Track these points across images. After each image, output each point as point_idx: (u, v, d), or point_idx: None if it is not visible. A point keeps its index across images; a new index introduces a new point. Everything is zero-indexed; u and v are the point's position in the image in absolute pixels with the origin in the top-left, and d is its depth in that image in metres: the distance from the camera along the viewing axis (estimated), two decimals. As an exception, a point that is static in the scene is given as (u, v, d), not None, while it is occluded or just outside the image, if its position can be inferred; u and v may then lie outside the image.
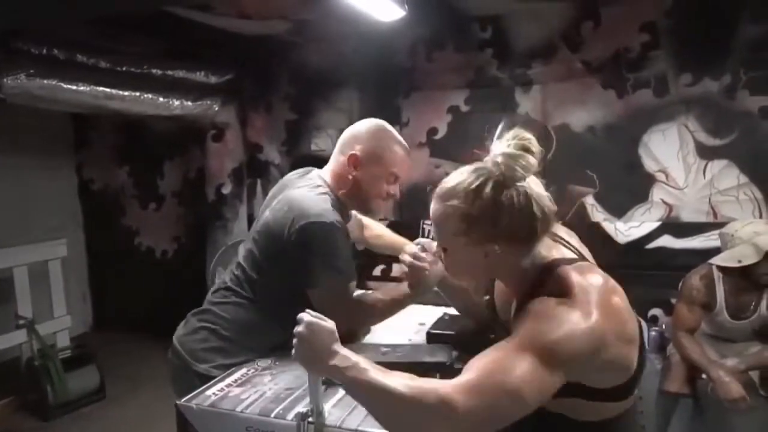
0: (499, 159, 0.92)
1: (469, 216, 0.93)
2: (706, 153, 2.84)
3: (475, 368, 0.84)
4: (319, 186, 1.38)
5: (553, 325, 0.84)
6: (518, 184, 0.91)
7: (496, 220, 0.91)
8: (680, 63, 2.85)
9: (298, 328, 0.94)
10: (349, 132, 1.43)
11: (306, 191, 1.36)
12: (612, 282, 0.92)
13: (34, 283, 3.22)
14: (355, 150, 1.37)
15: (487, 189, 0.92)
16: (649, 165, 2.96)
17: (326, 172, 1.44)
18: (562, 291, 0.88)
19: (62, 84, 2.77)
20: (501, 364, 0.82)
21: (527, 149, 0.92)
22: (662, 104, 2.90)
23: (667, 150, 2.91)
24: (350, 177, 1.38)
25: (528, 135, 0.93)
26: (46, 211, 4.17)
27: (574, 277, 0.90)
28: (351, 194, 1.41)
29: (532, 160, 0.92)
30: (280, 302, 1.33)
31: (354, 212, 1.78)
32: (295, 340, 0.95)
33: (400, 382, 0.83)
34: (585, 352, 0.83)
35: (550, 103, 3.14)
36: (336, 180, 1.41)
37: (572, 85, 3.08)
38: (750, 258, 2.01)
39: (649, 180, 2.97)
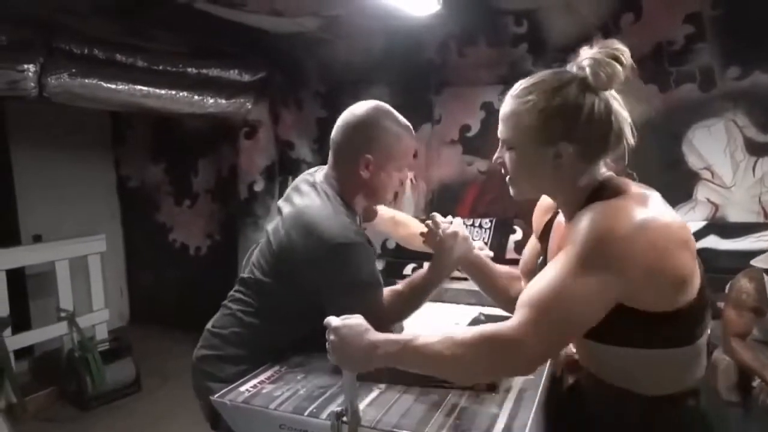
0: (585, 62, 0.88)
1: (547, 111, 0.89)
2: (756, 149, 2.70)
3: (533, 303, 0.82)
4: (328, 196, 1.27)
5: (602, 217, 0.81)
6: (601, 92, 0.88)
7: (574, 120, 0.88)
8: (728, 55, 2.71)
9: (330, 337, 0.93)
10: (350, 128, 1.29)
11: (318, 207, 1.24)
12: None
13: (74, 277, 3.32)
14: (367, 152, 1.26)
15: (569, 89, 0.88)
16: (694, 162, 2.83)
17: (332, 177, 1.32)
18: (617, 194, 0.87)
19: (102, 83, 2.84)
20: (559, 294, 0.80)
21: (617, 58, 0.86)
22: (708, 99, 2.76)
23: (712, 146, 2.77)
24: (362, 179, 1.28)
25: (620, 46, 0.88)
26: (86, 207, 4.30)
27: (633, 186, 0.89)
28: (364, 194, 1.33)
29: (619, 70, 0.86)
30: (291, 313, 1.29)
31: (384, 209, 1.74)
32: (328, 346, 0.94)
33: (456, 339, 0.84)
34: (638, 246, 0.78)
35: (587, 99, 3.05)
36: (345, 185, 1.31)
37: (611, 79, 2.98)
38: None
39: (693, 178, 2.83)
